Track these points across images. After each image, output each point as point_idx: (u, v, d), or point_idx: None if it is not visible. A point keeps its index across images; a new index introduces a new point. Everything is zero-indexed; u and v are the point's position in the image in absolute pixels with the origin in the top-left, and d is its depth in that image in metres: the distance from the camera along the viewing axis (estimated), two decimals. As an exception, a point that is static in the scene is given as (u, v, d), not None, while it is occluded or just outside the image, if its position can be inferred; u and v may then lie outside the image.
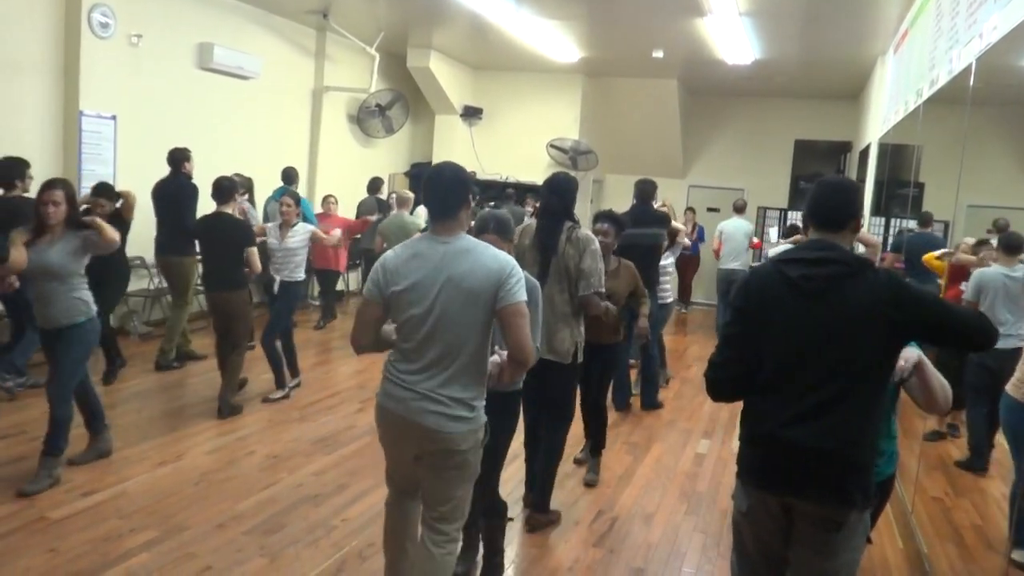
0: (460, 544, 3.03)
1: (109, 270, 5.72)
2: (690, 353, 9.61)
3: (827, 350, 2.34)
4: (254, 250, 5.90)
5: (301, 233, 6.33)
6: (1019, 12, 3.40)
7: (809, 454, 2.33)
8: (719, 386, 2.55)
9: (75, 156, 7.34)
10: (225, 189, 5.98)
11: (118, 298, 6.78)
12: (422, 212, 8.76)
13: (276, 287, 6.31)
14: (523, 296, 2.75)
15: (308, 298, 9.66)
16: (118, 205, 6.23)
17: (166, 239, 7.02)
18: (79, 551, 3.76)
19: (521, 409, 3.69)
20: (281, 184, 8.79)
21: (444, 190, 2.83)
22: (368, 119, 11.29)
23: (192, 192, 6.97)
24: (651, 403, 6.93)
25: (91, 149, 7.46)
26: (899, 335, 2.35)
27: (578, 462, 5.34)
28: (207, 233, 6.04)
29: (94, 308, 4.56)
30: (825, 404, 2.32)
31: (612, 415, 6.35)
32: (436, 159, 12.35)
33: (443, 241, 2.79)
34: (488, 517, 3.64)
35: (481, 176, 12.23)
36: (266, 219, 8.30)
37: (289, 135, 10.29)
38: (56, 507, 4.20)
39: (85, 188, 7.25)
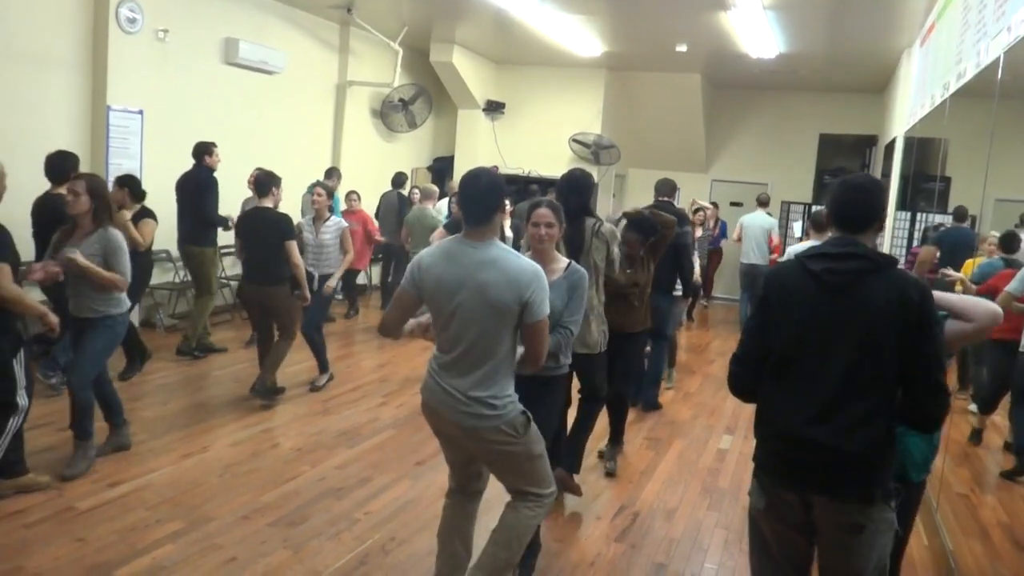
0: (545, 510, 3.13)
1: (135, 261, 5.76)
2: (712, 348, 9.58)
3: (848, 346, 2.32)
4: (293, 244, 5.88)
5: (334, 228, 6.37)
6: (1049, 4, 3.36)
7: (829, 454, 2.31)
8: (740, 380, 2.56)
9: (103, 150, 7.43)
10: (261, 183, 5.99)
11: (140, 293, 6.75)
12: (443, 206, 8.92)
13: (316, 283, 6.31)
14: (546, 310, 2.84)
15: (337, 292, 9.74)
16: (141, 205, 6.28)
17: (187, 229, 7.12)
18: (106, 541, 3.81)
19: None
20: (317, 179, 8.78)
21: (480, 196, 2.87)
22: (391, 113, 11.32)
23: (211, 184, 7.06)
24: (651, 403, 6.67)
25: (118, 143, 7.54)
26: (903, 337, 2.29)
27: (601, 455, 5.33)
28: (246, 227, 6.04)
29: (127, 304, 4.62)
30: (845, 401, 2.31)
31: (635, 411, 6.37)
32: (458, 154, 12.42)
33: (472, 246, 2.85)
34: None
35: (503, 170, 12.25)
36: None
37: (313, 129, 10.35)
38: (83, 498, 4.25)
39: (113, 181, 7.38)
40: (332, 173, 9.21)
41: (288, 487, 4.61)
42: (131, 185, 6.22)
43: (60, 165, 5.74)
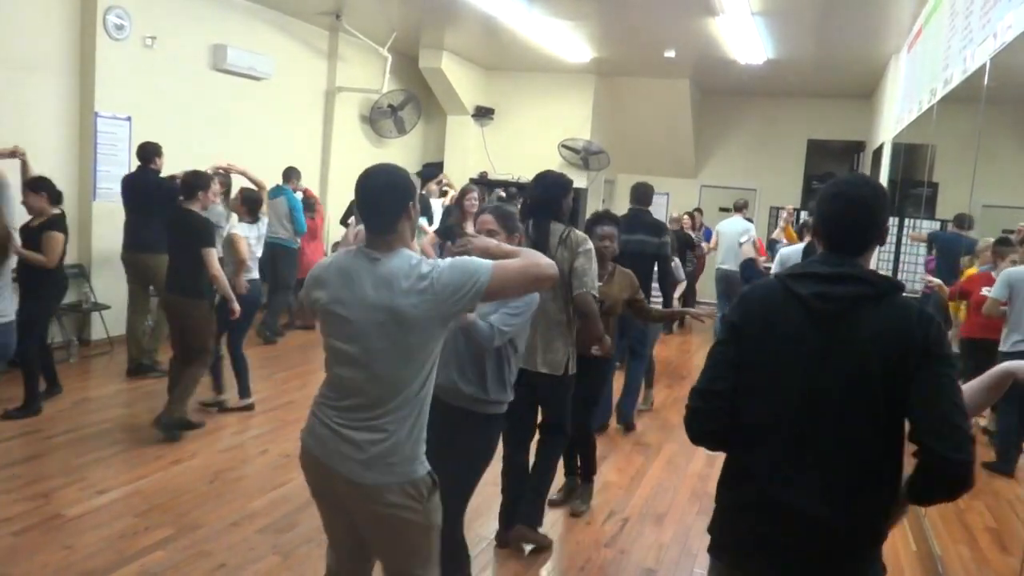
0: None
1: (41, 279, 5.41)
2: (700, 354, 9.59)
3: (840, 391, 1.86)
4: (212, 252, 5.32)
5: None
6: (1034, 11, 3.39)
7: (815, 527, 1.87)
8: (701, 419, 2.02)
9: (90, 157, 7.39)
10: (188, 184, 5.47)
11: (51, 310, 5.97)
12: (437, 206, 8.99)
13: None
14: (483, 280, 2.20)
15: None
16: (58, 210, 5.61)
17: (150, 237, 6.48)
18: (94, 548, 3.79)
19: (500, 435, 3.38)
20: (279, 184, 8.59)
21: (375, 198, 2.34)
22: (380, 119, 11.31)
23: (173, 189, 6.31)
24: (627, 419, 6.24)
25: (106, 150, 7.49)
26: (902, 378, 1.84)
27: (552, 503, 4.53)
28: (169, 231, 5.57)
29: (8, 316, 4.50)
30: (837, 461, 1.87)
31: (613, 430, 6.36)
32: (448, 159, 12.42)
33: (373, 257, 2.28)
34: (448, 564, 2.85)
35: (493, 176, 12.27)
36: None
37: (302, 135, 10.33)
38: (71, 505, 4.23)
39: (100, 188, 7.38)
40: (291, 174, 8.80)
41: (277, 493, 4.60)
42: (49, 189, 5.53)
43: None
